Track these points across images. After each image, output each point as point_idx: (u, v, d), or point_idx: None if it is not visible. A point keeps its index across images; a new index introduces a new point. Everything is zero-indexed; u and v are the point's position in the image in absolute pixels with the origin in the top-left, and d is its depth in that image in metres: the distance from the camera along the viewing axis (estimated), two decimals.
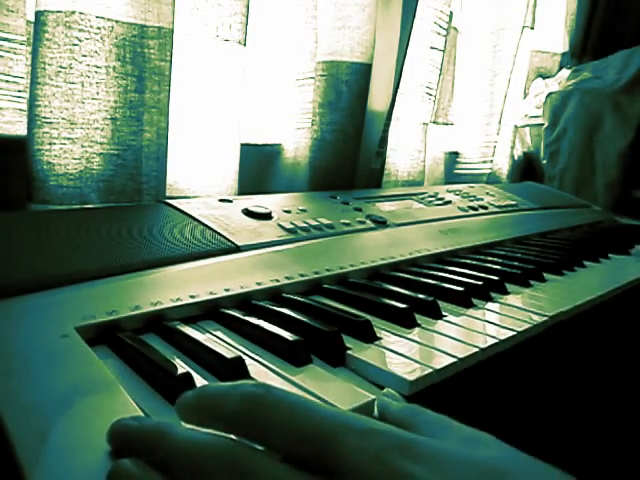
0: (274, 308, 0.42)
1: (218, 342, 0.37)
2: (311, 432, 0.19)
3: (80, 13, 0.56)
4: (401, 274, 0.55)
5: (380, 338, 0.39)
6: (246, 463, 0.19)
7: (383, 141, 0.99)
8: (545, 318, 0.45)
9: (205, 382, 0.31)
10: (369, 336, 0.39)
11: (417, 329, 0.42)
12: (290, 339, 0.35)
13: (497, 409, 0.43)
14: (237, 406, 0.21)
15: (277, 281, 0.47)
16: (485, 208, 0.88)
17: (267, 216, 0.61)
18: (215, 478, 0.19)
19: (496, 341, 0.40)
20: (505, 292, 0.52)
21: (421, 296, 0.46)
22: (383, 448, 0.19)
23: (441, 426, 0.23)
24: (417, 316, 0.44)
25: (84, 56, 0.57)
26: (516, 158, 1.43)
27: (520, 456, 0.20)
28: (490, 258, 0.64)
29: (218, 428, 0.21)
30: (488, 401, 0.41)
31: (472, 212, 0.84)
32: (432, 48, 1.03)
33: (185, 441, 0.21)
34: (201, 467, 0.19)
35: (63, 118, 0.58)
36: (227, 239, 0.53)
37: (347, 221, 0.65)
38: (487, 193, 0.99)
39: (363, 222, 0.67)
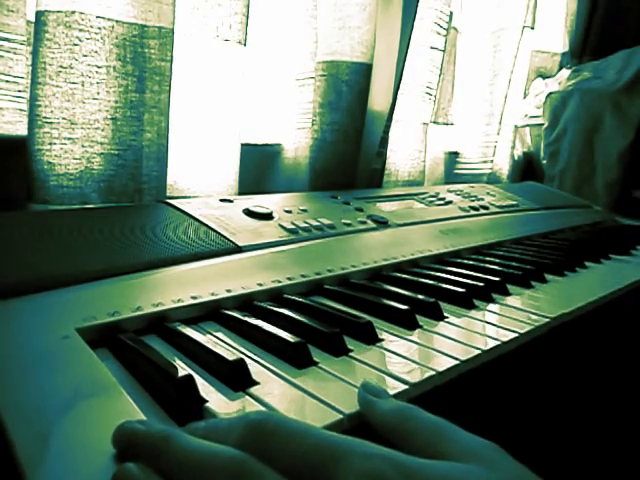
0: (275, 309, 0.42)
1: (219, 344, 0.37)
2: (313, 456, 0.20)
3: (80, 13, 0.56)
4: (402, 275, 0.55)
5: (382, 339, 0.39)
6: (250, 474, 0.19)
7: (383, 141, 0.99)
8: (547, 319, 0.45)
9: (207, 384, 0.31)
10: (371, 338, 0.39)
11: (418, 330, 0.42)
12: (292, 341, 0.35)
13: (500, 411, 0.43)
14: (241, 434, 0.21)
15: (278, 282, 0.47)
16: (486, 208, 0.88)
17: (268, 216, 0.60)
18: None
19: (498, 343, 0.40)
20: (506, 293, 0.52)
21: (422, 297, 0.46)
22: (383, 471, 0.19)
23: (437, 435, 0.22)
24: (418, 317, 0.43)
25: (84, 56, 0.57)
26: (516, 158, 1.43)
27: (520, 473, 0.20)
28: (491, 259, 0.64)
29: None
30: (490, 403, 0.41)
31: (473, 212, 0.84)
32: (432, 48, 1.03)
33: (191, 450, 0.21)
34: (206, 477, 0.19)
35: (63, 118, 0.57)
36: (228, 239, 0.53)
37: (348, 221, 0.65)
38: (488, 193, 0.99)
39: (364, 222, 0.67)
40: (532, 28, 1.31)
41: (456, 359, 0.36)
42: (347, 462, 0.19)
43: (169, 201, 0.61)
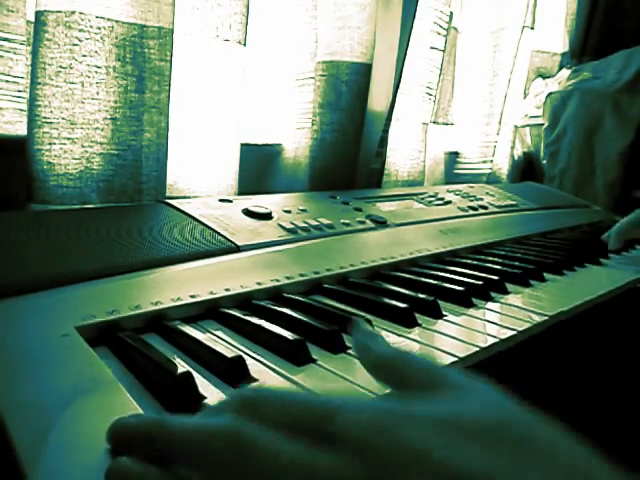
0: (274, 308, 0.42)
1: (219, 341, 0.37)
2: (309, 414, 0.20)
3: (80, 13, 0.56)
4: (401, 274, 0.55)
5: None
6: (247, 435, 0.19)
7: (383, 141, 0.99)
8: (545, 318, 0.45)
9: (205, 381, 0.31)
10: None
11: (417, 329, 0.42)
12: (291, 338, 0.35)
13: None
14: (234, 407, 0.21)
15: (277, 281, 0.47)
16: (485, 208, 0.88)
17: (267, 216, 0.61)
18: (218, 455, 0.19)
19: (496, 340, 0.40)
20: (505, 292, 0.52)
21: (421, 296, 0.46)
22: (381, 419, 0.19)
23: (431, 374, 0.23)
24: (417, 316, 0.44)
25: (84, 56, 0.57)
26: (516, 158, 1.43)
27: (509, 409, 0.21)
28: (490, 258, 0.64)
29: None
30: None
31: (472, 212, 0.84)
32: (432, 48, 1.03)
33: (185, 426, 0.21)
34: (203, 446, 0.19)
35: (63, 118, 0.58)
36: (227, 239, 0.53)
37: (347, 221, 0.65)
38: (487, 193, 0.99)
39: (363, 222, 0.67)
40: (532, 28, 1.31)
41: (455, 356, 0.36)
42: (345, 414, 0.19)
43: (169, 201, 0.61)
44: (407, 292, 0.48)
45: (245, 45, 0.72)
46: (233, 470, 0.18)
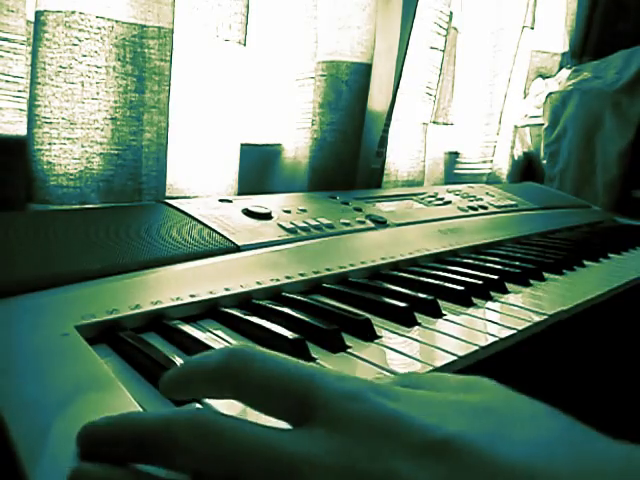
0: (274, 307, 0.42)
1: (218, 341, 0.37)
2: (288, 380, 0.20)
3: (80, 13, 0.56)
4: (401, 273, 0.55)
5: (380, 337, 0.39)
6: (213, 423, 0.19)
7: (383, 141, 0.99)
8: (545, 317, 0.45)
9: None
10: (369, 335, 0.39)
11: (417, 328, 0.42)
12: (290, 337, 0.35)
13: None
14: (222, 357, 0.21)
15: (277, 280, 0.47)
16: (485, 208, 0.88)
17: (267, 216, 0.61)
18: (186, 442, 0.19)
19: (496, 339, 0.40)
20: (505, 291, 0.52)
21: (421, 295, 0.46)
22: (360, 389, 0.19)
23: (435, 381, 0.23)
24: (417, 315, 0.44)
25: (84, 56, 0.57)
26: (516, 158, 1.43)
27: (510, 394, 0.21)
28: (490, 258, 0.64)
29: (198, 389, 0.23)
30: None
31: (472, 212, 0.84)
32: (432, 48, 1.03)
33: (154, 418, 0.21)
34: (173, 435, 0.19)
35: (63, 118, 0.58)
36: (227, 239, 0.53)
37: (347, 221, 0.65)
38: (487, 193, 0.99)
39: (363, 222, 0.67)
40: (532, 28, 1.31)
41: (455, 355, 0.36)
42: (323, 382, 0.20)
43: (168, 201, 0.61)
44: (407, 291, 0.48)
45: (245, 45, 0.72)
46: (207, 458, 0.19)
